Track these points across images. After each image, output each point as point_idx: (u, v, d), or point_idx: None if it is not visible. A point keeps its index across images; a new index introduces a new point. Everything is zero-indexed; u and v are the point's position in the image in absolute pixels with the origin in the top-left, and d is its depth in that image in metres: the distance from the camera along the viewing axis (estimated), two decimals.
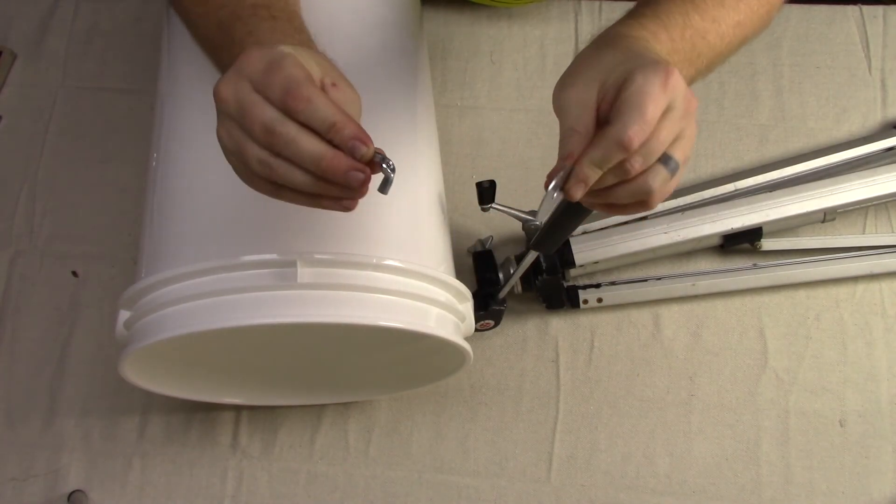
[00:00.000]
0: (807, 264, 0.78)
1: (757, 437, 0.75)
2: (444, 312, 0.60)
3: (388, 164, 0.46)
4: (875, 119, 0.86)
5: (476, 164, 0.85)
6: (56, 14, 0.93)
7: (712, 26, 0.57)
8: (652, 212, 0.77)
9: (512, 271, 0.72)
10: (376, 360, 0.72)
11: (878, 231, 0.82)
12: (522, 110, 0.87)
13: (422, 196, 0.64)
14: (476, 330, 0.67)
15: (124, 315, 0.59)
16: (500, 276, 0.74)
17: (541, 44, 0.90)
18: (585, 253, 0.75)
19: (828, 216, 0.78)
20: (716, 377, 0.77)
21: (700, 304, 0.79)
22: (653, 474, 0.74)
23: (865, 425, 0.75)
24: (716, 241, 0.79)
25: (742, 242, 0.77)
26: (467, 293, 0.64)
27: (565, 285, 0.76)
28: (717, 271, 0.79)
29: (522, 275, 0.71)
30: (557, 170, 0.47)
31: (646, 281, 0.79)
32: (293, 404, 0.76)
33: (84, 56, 0.91)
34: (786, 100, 0.87)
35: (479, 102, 0.88)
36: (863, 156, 0.80)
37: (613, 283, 0.78)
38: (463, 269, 0.71)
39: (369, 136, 0.46)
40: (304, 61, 0.46)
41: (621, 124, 0.45)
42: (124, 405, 0.77)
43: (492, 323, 0.74)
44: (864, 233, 0.82)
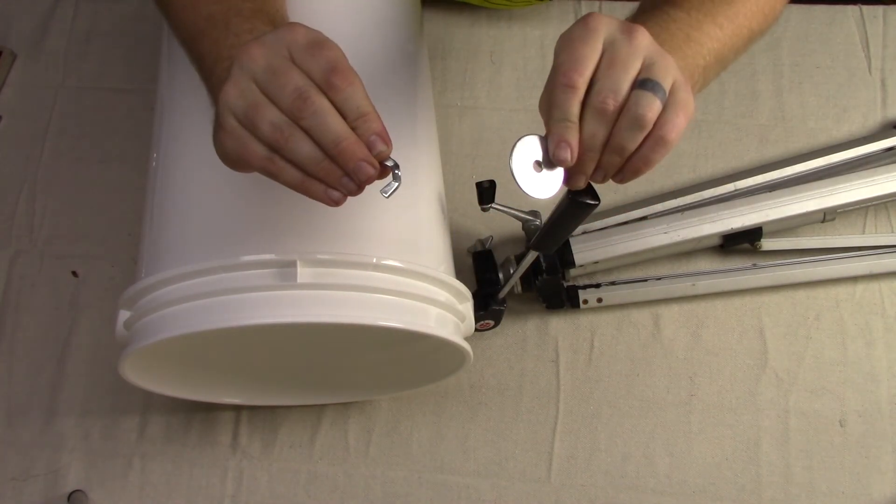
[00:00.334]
0: (807, 264, 0.78)
1: (757, 437, 0.75)
2: (444, 312, 0.60)
3: (397, 170, 0.48)
4: (875, 119, 0.86)
5: (476, 164, 0.85)
6: (56, 14, 0.93)
7: (711, 21, 0.57)
8: (652, 212, 0.78)
9: (512, 271, 0.72)
10: (376, 360, 0.72)
11: (877, 231, 0.82)
12: (522, 110, 0.87)
13: (422, 196, 0.64)
14: (476, 330, 0.67)
15: (124, 315, 0.59)
16: (500, 276, 0.74)
17: (541, 44, 0.90)
18: (585, 253, 0.75)
19: (828, 216, 0.78)
20: (716, 377, 0.77)
21: (700, 304, 0.79)
22: (653, 474, 0.74)
23: (865, 425, 0.75)
24: (716, 241, 0.78)
25: (742, 242, 0.77)
26: (467, 293, 0.63)
27: (565, 285, 0.76)
28: (717, 271, 0.79)
29: (522, 275, 0.71)
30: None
31: (646, 281, 0.78)
32: (293, 404, 0.76)
33: (84, 56, 0.91)
34: (786, 100, 0.87)
35: (479, 102, 0.88)
36: (863, 156, 0.80)
37: (613, 283, 0.78)
38: (463, 269, 0.71)
39: (391, 140, 0.47)
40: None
41: (554, 68, 0.47)
42: (124, 405, 0.77)
43: (492, 323, 0.74)
44: (863, 233, 0.81)
